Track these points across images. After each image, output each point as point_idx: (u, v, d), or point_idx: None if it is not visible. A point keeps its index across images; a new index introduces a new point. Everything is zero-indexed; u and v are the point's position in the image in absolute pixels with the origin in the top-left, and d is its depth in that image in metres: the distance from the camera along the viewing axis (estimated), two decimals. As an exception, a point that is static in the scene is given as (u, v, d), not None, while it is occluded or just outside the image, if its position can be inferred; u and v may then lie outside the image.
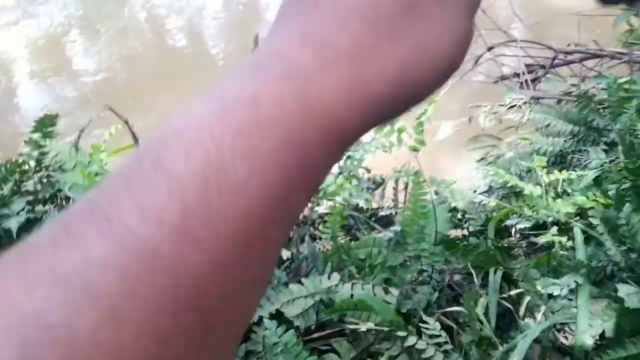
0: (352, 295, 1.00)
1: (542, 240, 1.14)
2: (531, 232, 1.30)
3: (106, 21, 4.89)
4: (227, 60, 4.39)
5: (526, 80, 2.04)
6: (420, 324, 0.95)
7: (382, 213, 1.39)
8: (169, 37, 4.72)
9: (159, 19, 4.92)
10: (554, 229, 1.17)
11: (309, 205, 1.49)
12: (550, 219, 1.25)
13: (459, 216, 1.42)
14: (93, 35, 4.64)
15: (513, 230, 1.34)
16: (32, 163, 1.37)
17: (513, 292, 1.04)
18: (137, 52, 4.51)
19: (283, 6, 0.22)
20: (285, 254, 1.17)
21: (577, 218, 1.20)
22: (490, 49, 2.13)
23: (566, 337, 1.01)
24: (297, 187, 0.20)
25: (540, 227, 1.26)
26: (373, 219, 1.37)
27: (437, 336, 0.93)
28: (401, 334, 0.92)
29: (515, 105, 1.92)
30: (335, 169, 1.46)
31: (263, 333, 0.93)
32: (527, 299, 1.02)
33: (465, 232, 1.36)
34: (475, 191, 1.53)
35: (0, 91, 4.02)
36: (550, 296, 1.02)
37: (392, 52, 0.20)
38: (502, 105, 1.95)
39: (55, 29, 4.67)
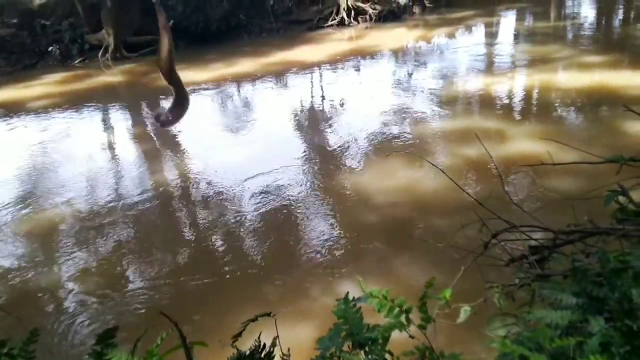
0: None
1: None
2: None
3: (156, 242, 5.40)
4: (266, 272, 4.70)
5: (533, 261, 2.23)
6: None
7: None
8: (210, 252, 5.14)
9: (201, 237, 5.41)
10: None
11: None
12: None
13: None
14: (142, 256, 5.10)
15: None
16: (95, 372, 1.55)
17: None
18: (182, 268, 4.89)
19: None
20: None
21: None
22: (494, 235, 2.36)
23: None
24: None
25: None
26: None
27: None
28: None
29: (525, 284, 2.08)
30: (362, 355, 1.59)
31: None
32: None
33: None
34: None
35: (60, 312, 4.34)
36: None
37: None
38: (513, 285, 2.11)
39: (109, 252, 5.17)
